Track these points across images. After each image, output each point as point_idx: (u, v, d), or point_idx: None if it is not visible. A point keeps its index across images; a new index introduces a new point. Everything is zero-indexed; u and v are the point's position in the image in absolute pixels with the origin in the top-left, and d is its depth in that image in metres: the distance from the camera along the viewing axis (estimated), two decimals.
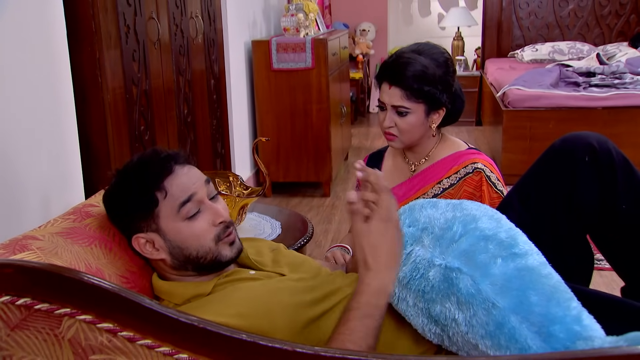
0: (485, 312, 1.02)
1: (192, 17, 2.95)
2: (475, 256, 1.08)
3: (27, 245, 1.11)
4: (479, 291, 1.04)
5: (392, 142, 1.74)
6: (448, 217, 1.17)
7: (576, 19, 5.99)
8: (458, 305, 1.05)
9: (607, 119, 4.01)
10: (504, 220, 1.18)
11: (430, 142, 1.78)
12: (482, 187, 1.68)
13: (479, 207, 1.21)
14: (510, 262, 1.07)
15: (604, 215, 1.29)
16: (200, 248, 1.21)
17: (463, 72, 6.14)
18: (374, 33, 6.71)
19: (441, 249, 1.13)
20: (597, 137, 1.29)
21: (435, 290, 1.09)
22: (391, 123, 1.69)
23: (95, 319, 0.86)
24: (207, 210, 1.23)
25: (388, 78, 1.68)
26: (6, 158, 1.65)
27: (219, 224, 1.23)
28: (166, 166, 1.22)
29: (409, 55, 1.69)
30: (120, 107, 2.24)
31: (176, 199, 1.20)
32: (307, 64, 3.83)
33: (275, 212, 2.13)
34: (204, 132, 3.12)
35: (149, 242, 1.22)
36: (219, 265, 1.24)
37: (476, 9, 6.80)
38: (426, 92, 1.65)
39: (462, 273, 1.06)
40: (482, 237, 1.11)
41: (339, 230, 3.48)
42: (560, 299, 1.04)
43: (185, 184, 1.22)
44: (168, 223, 1.21)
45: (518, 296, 1.03)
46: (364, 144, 5.57)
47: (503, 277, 1.05)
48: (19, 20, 1.70)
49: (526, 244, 1.13)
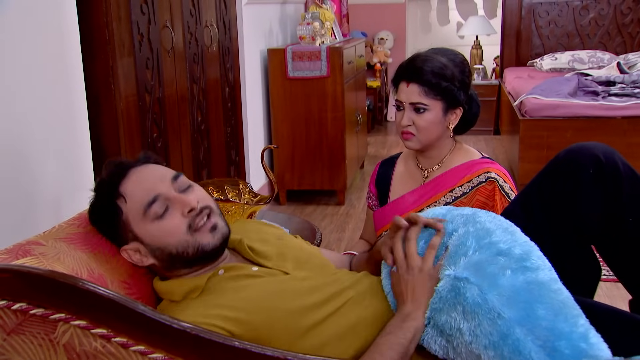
0: (490, 322, 1.01)
1: (207, 25, 2.97)
2: (485, 267, 1.07)
3: (30, 251, 1.12)
4: (485, 301, 1.02)
5: (409, 141, 1.72)
6: (461, 232, 1.15)
7: (597, 28, 5.92)
8: (464, 315, 1.04)
9: (627, 128, 3.95)
10: (518, 233, 1.17)
11: (446, 147, 1.77)
12: (495, 197, 1.66)
13: (493, 219, 1.19)
14: (520, 275, 1.06)
15: (609, 228, 1.26)
16: (178, 244, 1.19)
17: (481, 81, 6.11)
18: (392, 41, 6.71)
19: (453, 263, 1.11)
20: (603, 148, 1.27)
21: (443, 300, 1.08)
22: (409, 121, 1.69)
23: (90, 325, 0.86)
24: (175, 204, 1.19)
25: (406, 76, 1.69)
26: (20, 165, 1.68)
27: (189, 212, 1.19)
28: (119, 172, 1.21)
29: (425, 54, 1.72)
30: (133, 115, 2.26)
31: (140, 202, 1.18)
32: (323, 72, 3.84)
33: (285, 220, 2.13)
34: (218, 139, 3.15)
35: (136, 251, 1.22)
36: (205, 255, 1.21)
37: (495, 17, 6.77)
38: (444, 88, 1.65)
39: (470, 283, 1.05)
40: (497, 252, 1.10)
41: (352, 238, 3.47)
42: (568, 314, 1.03)
43: (145, 185, 1.19)
44: (140, 228, 1.19)
45: (525, 309, 1.01)
46: (381, 153, 5.56)
47: (511, 288, 1.04)
48: (33, 28, 1.73)
49: (540, 259, 1.12)
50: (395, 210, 1.78)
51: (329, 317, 1.16)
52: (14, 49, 1.65)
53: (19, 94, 1.67)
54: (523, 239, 1.15)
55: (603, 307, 1.19)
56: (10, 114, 1.64)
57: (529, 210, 1.31)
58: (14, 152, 1.66)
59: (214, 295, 1.18)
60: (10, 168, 1.65)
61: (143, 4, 2.32)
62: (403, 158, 1.89)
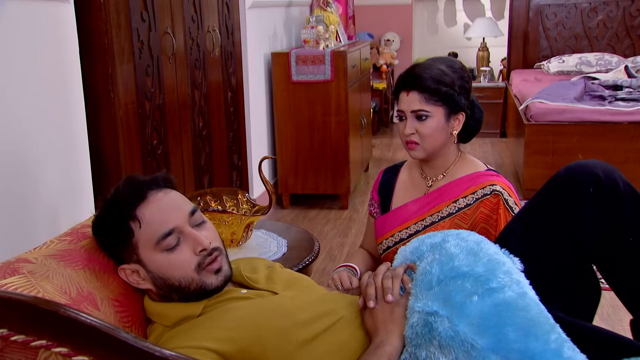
0: (466, 354, 1.01)
1: (209, 31, 2.96)
2: (452, 297, 1.07)
3: (18, 269, 1.11)
4: (457, 333, 1.03)
5: (414, 150, 1.71)
6: (428, 260, 1.17)
7: (605, 30, 5.86)
8: (440, 349, 1.04)
9: (634, 134, 3.91)
10: (484, 251, 1.17)
11: (451, 156, 1.75)
12: (499, 211, 1.64)
13: (459, 243, 1.20)
14: (487, 299, 1.06)
15: (609, 247, 1.24)
16: (182, 279, 1.19)
17: (488, 83, 6.07)
18: (399, 43, 6.67)
19: (422, 294, 1.12)
20: (603, 166, 1.25)
21: (420, 336, 1.08)
22: (412, 130, 1.68)
23: (71, 352, 0.85)
24: (188, 240, 1.20)
25: (405, 86, 1.68)
26: (18, 172, 1.68)
27: (200, 252, 1.20)
28: (138, 194, 1.19)
29: (423, 63, 1.71)
30: (133, 122, 2.25)
31: (154, 231, 1.18)
32: (326, 76, 3.82)
33: (283, 230, 2.11)
34: (220, 144, 3.13)
35: (134, 272, 1.21)
36: (205, 293, 1.22)
37: (502, 19, 6.72)
38: (444, 93, 1.65)
39: (439, 316, 1.06)
40: (459, 275, 1.11)
41: (355, 243, 3.45)
42: (539, 332, 1.02)
43: (162, 216, 1.19)
44: (147, 254, 1.19)
45: (496, 334, 1.02)
46: (386, 155, 5.54)
47: (480, 315, 1.04)
48: (31, 36, 1.73)
49: (506, 274, 1.12)
50: (397, 218, 1.76)
51: (319, 335, 1.15)
52: (11, 57, 1.65)
53: (16, 102, 1.67)
54: (487, 257, 1.15)
55: (602, 333, 1.18)
56: (7, 122, 1.63)
57: (530, 230, 1.30)
58: (11, 160, 1.65)
59: (202, 319, 1.17)
60: (8, 176, 1.64)
61: (143, 10, 2.30)
62: (407, 166, 1.87)
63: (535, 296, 1.13)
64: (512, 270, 1.14)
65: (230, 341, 1.09)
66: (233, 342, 1.09)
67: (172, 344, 1.09)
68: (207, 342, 1.08)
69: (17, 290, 1.05)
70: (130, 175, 1.26)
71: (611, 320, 2.48)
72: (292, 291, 1.26)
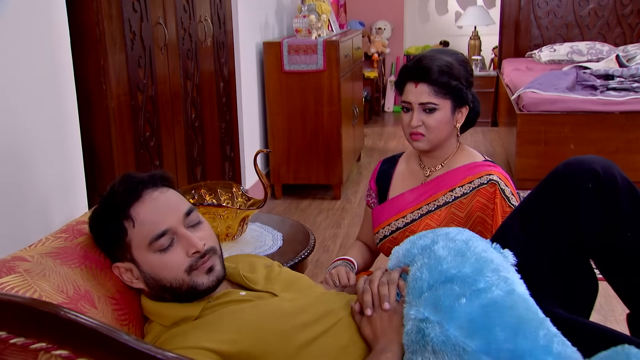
0: (458, 358, 1.01)
1: (201, 20, 2.93)
2: (442, 301, 1.08)
3: (14, 268, 1.10)
4: (448, 337, 1.03)
5: (418, 141, 1.71)
6: (418, 264, 1.17)
7: (596, 19, 5.87)
8: (434, 354, 1.05)
9: (625, 123, 3.92)
10: (472, 250, 1.17)
11: (451, 147, 1.76)
12: (496, 200, 1.65)
13: (447, 244, 1.20)
14: (475, 300, 1.06)
15: (607, 243, 1.24)
16: (173, 280, 1.18)
17: (480, 72, 6.06)
18: (390, 31, 6.65)
19: (414, 301, 1.13)
20: (601, 162, 1.25)
21: (414, 343, 1.08)
22: (419, 122, 1.67)
23: (72, 354, 0.84)
24: (181, 241, 1.18)
25: (413, 77, 1.67)
26: (9, 166, 1.65)
27: (193, 254, 1.18)
28: (133, 192, 1.18)
29: (431, 54, 1.70)
30: (125, 114, 2.23)
31: (147, 232, 1.16)
32: (319, 66, 3.80)
33: (278, 223, 2.11)
34: (213, 135, 3.11)
35: (128, 271, 1.21)
36: (196, 294, 1.20)
37: (494, 7, 6.71)
38: (453, 86, 1.65)
39: (430, 322, 1.07)
40: (447, 279, 1.11)
41: (348, 235, 3.46)
42: (527, 330, 1.03)
43: (157, 216, 1.17)
44: (140, 254, 1.18)
45: (485, 336, 1.02)
46: (378, 144, 5.53)
47: (468, 317, 1.05)
48: (22, 27, 1.70)
49: (494, 272, 1.12)
50: (394, 207, 1.77)
51: (320, 337, 1.15)
52: (1, 49, 1.62)
53: (6, 95, 1.64)
54: (475, 257, 1.15)
55: (598, 329, 1.18)
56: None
57: (528, 226, 1.29)
58: (1, 153, 1.63)
59: (202, 322, 1.17)
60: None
61: (135, 1, 2.27)
62: (405, 157, 1.88)
63: (524, 291, 1.13)
64: (501, 267, 1.14)
65: (231, 343, 1.09)
66: (234, 344, 1.09)
67: (171, 345, 1.09)
68: (208, 342, 1.08)
69: (14, 290, 1.04)
70: (128, 172, 1.24)
71: (603, 310, 2.50)
72: (291, 292, 1.26)
